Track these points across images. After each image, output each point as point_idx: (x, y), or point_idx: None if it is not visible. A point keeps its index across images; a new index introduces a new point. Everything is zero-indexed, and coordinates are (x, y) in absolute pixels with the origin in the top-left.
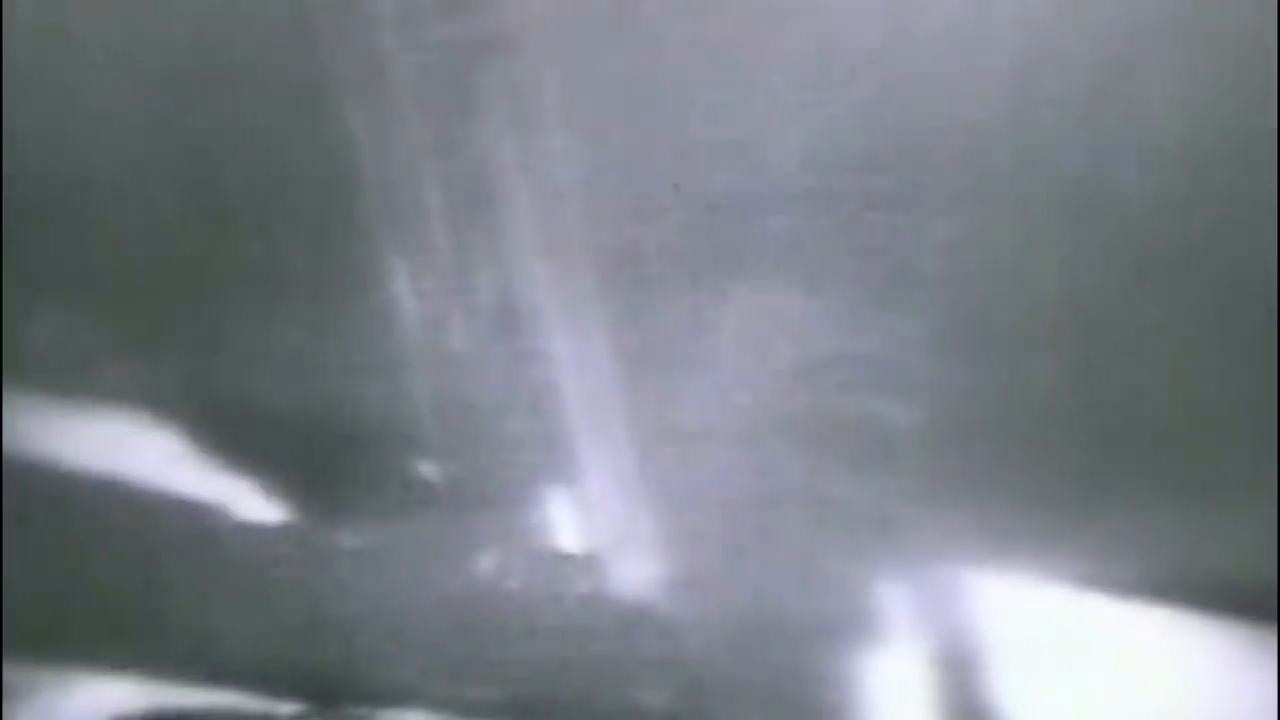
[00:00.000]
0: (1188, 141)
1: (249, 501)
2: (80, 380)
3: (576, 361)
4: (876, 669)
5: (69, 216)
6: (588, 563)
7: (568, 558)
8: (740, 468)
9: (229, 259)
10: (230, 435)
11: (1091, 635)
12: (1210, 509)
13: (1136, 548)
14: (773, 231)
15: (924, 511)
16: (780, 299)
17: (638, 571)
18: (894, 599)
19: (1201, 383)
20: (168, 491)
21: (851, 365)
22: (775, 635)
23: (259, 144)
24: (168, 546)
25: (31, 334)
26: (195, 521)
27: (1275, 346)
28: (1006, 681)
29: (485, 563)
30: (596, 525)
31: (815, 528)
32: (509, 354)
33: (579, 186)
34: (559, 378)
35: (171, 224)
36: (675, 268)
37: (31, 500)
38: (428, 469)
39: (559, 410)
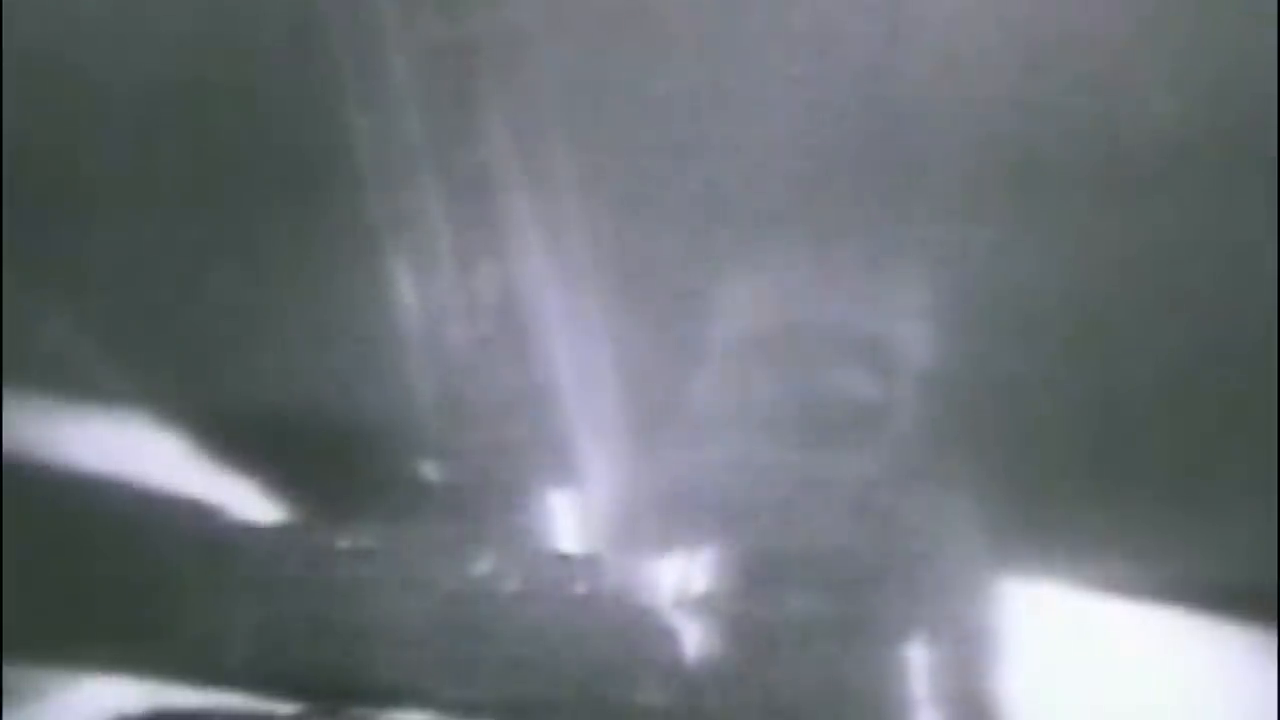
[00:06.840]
0: (1190, 139)
1: (250, 502)
2: (81, 381)
3: (576, 361)
4: (878, 665)
5: (70, 218)
6: (587, 563)
7: (567, 558)
8: (743, 466)
9: (229, 259)
10: (231, 436)
11: (1089, 635)
12: (1210, 510)
13: (1133, 547)
14: (774, 228)
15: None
16: (784, 295)
17: (638, 571)
18: (896, 595)
19: (1201, 382)
20: (168, 492)
21: (859, 358)
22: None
23: (260, 144)
24: (168, 547)
25: (32, 335)
26: (196, 522)
27: (1275, 347)
28: (1000, 678)
29: (485, 563)
30: (596, 526)
31: (821, 524)
32: (509, 354)
33: (579, 186)
34: (559, 378)
35: (172, 225)
36: (675, 267)
37: (31, 500)
38: (428, 469)
39: (559, 410)
